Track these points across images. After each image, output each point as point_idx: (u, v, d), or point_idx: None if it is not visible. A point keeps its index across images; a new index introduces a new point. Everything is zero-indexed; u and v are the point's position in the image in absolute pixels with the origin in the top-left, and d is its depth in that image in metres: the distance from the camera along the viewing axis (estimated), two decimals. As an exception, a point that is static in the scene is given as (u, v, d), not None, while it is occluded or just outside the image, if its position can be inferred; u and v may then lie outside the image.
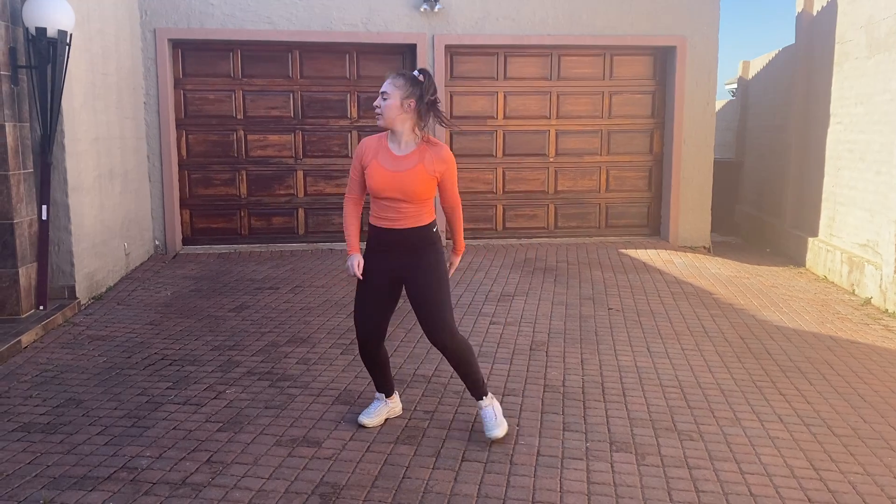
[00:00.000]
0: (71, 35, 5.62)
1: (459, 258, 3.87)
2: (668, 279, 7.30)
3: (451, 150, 8.81)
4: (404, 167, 3.53)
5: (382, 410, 3.93)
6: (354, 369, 4.73)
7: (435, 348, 3.70)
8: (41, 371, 4.72)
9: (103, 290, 6.73)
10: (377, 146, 3.61)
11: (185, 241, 8.70)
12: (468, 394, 4.34)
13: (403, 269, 3.62)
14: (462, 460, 3.51)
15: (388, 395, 3.95)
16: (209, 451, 3.59)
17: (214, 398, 4.26)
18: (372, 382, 4.09)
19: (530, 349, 5.18)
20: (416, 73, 3.57)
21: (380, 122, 3.57)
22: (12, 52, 5.49)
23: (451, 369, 4.74)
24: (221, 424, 3.90)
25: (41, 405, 4.17)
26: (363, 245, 3.72)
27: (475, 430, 3.84)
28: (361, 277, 3.62)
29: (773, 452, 3.63)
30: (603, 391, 4.41)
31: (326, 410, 4.09)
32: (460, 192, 9.33)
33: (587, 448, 3.66)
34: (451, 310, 3.68)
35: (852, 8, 7.96)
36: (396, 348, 5.16)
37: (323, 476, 3.35)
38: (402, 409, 4.07)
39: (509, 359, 4.97)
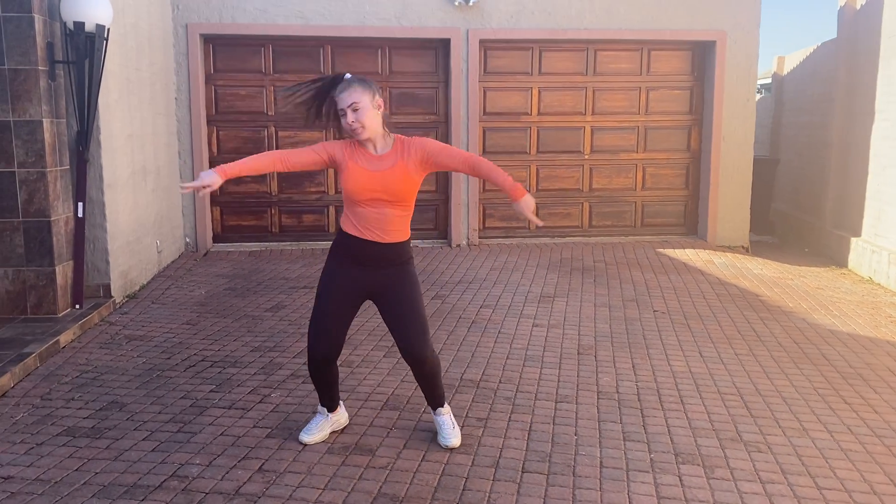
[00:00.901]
0: (108, 30, 5.52)
1: (528, 197, 3.30)
2: (711, 280, 7.11)
3: (484, 147, 8.74)
4: (385, 166, 3.30)
5: (325, 425, 3.68)
6: (399, 373, 4.60)
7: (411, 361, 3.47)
8: (81, 372, 4.63)
9: (137, 288, 6.65)
10: (352, 148, 3.33)
11: (215, 239, 8.62)
12: (520, 399, 4.21)
13: (378, 283, 3.39)
14: (522, 471, 3.38)
15: (332, 409, 3.70)
16: (260, 458, 3.48)
17: (260, 402, 4.15)
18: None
19: (578, 353, 5.03)
20: (348, 76, 3.30)
21: (363, 137, 3.27)
22: (49, 47, 5.40)
23: (501, 372, 4.63)
24: (270, 430, 3.78)
25: (84, 408, 4.07)
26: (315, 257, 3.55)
27: (532, 440, 3.70)
28: (200, 188, 3.06)
29: (849, 466, 3.46)
30: (660, 398, 4.25)
31: (376, 416, 3.96)
32: (493, 190, 9.01)
33: (651, 459, 3.51)
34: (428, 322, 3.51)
35: (901, 1, 7.72)
36: (440, 351, 5.02)
37: (380, 487, 3.23)
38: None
39: (558, 363, 4.83)
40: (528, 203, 3.29)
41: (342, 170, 3.31)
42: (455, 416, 3.96)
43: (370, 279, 3.40)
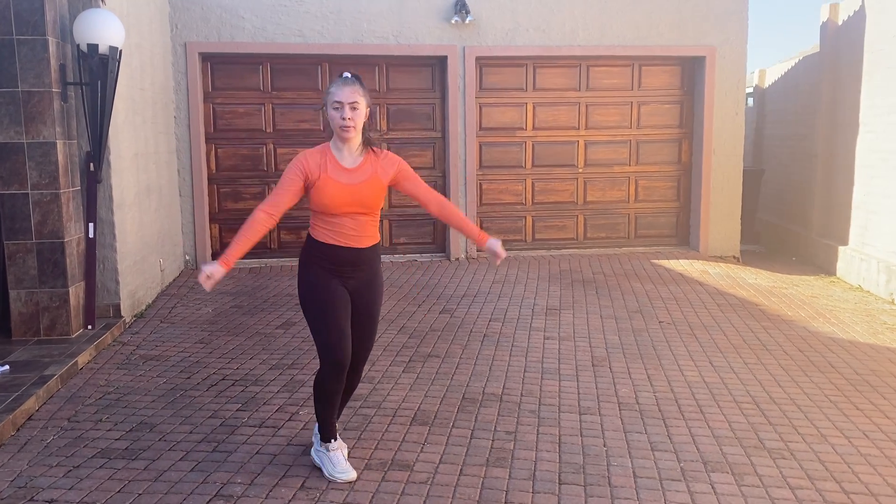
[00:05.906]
0: (121, 51, 5.55)
1: (493, 240, 3.49)
2: (710, 290, 7.28)
3: (481, 161, 8.86)
4: (360, 178, 3.32)
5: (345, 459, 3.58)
6: (421, 387, 4.68)
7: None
8: (103, 393, 4.64)
9: (143, 307, 6.65)
10: (321, 159, 3.30)
11: (214, 256, 8.59)
12: (545, 412, 4.29)
13: (357, 287, 3.45)
14: (560, 483, 3.46)
15: (335, 436, 3.55)
16: (300, 476, 3.53)
17: (289, 420, 4.20)
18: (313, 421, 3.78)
19: (593, 365, 5.14)
20: (348, 75, 3.31)
21: (350, 136, 3.27)
22: (62, 69, 5.42)
23: (521, 385, 4.72)
24: (304, 448, 3.83)
25: (114, 429, 4.09)
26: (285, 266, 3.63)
27: (564, 452, 3.79)
28: (207, 288, 3.31)
29: (870, 471, 3.60)
30: (679, 408, 4.37)
31: (407, 431, 4.03)
32: (490, 204, 9.20)
33: (682, 468, 3.61)
34: None
35: (883, 18, 7.99)
36: (457, 366, 5.11)
37: (424, 501, 3.29)
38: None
39: (575, 375, 4.93)
40: (493, 244, 3.48)
41: (316, 184, 3.28)
42: (483, 429, 4.05)
43: (353, 283, 3.46)
